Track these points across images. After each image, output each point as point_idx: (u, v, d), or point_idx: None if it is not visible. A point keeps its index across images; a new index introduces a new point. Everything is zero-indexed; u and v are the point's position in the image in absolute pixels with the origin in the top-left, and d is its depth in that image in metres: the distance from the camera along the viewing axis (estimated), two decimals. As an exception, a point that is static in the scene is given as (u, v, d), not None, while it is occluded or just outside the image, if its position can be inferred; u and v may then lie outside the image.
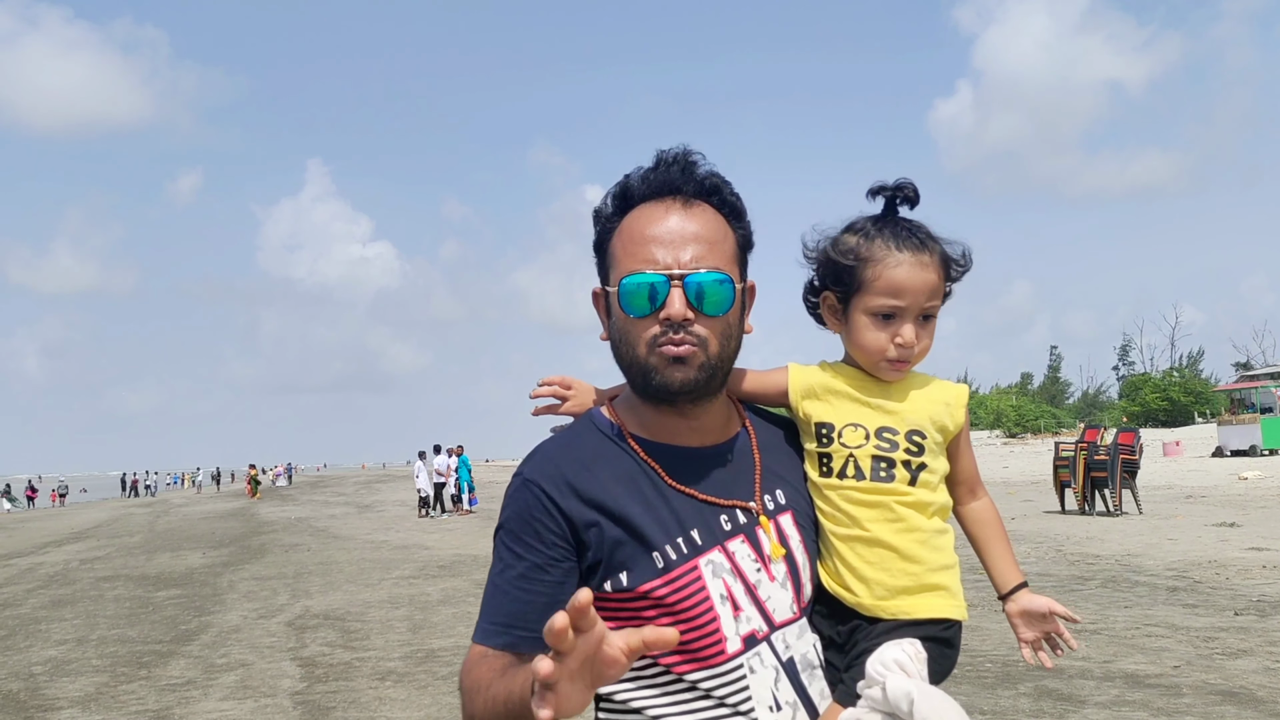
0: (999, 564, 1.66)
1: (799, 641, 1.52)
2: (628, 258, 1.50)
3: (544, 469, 1.54)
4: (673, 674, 1.47)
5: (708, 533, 1.51)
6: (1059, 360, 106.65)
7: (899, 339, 1.54)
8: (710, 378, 1.50)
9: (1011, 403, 78.14)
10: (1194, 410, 66.04)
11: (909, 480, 1.54)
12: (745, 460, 1.60)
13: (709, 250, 1.49)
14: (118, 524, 33.31)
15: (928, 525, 1.54)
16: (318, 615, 10.79)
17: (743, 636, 1.47)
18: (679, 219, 1.51)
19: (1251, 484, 22.64)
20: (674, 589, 1.46)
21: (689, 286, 1.46)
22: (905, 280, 1.53)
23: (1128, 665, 6.79)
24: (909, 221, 1.58)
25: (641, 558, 1.47)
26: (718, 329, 1.50)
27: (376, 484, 62.39)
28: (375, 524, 25.38)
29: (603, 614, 1.50)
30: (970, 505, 1.67)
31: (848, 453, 1.56)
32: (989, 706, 5.90)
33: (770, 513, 1.56)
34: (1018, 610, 1.64)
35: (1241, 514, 16.52)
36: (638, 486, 1.52)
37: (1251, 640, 7.37)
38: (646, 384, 1.51)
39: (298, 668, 8.18)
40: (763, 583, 1.51)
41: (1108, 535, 14.57)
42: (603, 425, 1.60)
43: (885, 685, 1.43)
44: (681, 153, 1.55)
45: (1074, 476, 18.58)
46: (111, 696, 7.51)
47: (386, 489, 51.64)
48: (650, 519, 1.49)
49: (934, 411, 1.57)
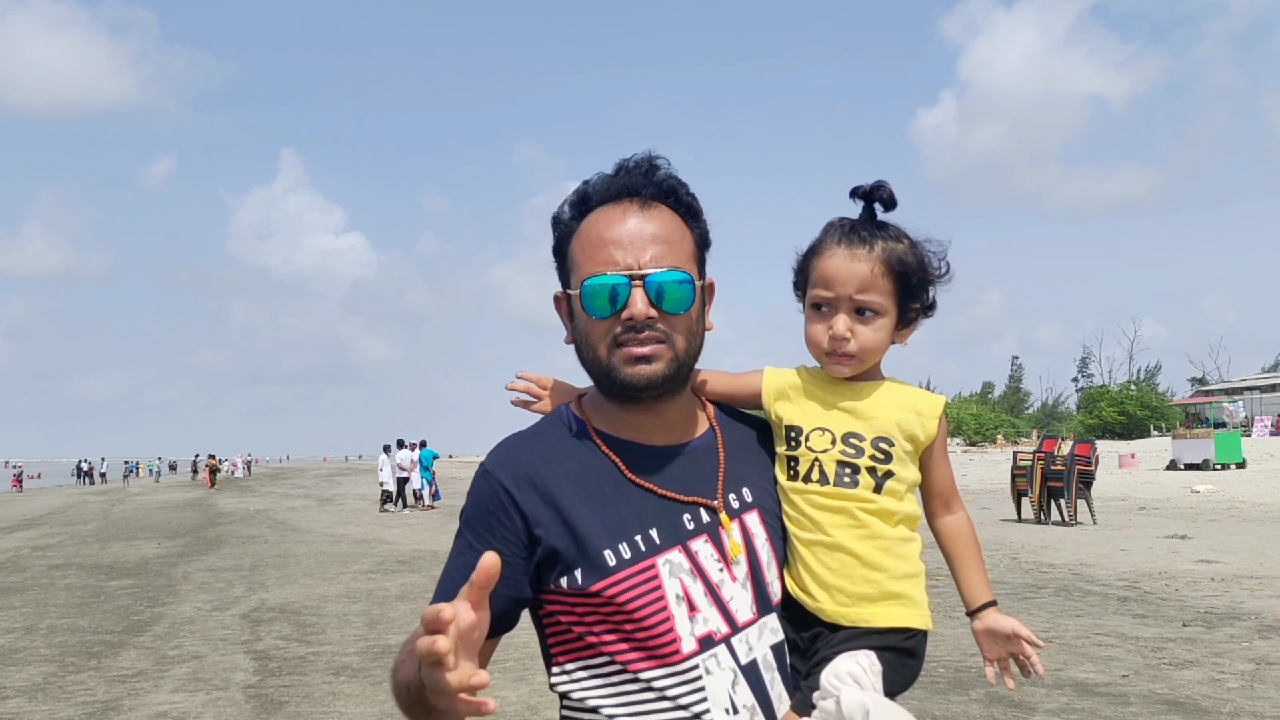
0: (970, 581, 1.63)
1: (759, 643, 1.51)
2: (588, 260, 1.52)
3: (504, 462, 1.55)
4: (628, 672, 1.47)
5: (668, 531, 1.51)
6: (1020, 371, 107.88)
7: (831, 330, 1.55)
8: (675, 373, 1.52)
9: (972, 411, 78.90)
10: (1150, 423, 67.05)
11: (874, 487, 1.54)
12: (710, 459, 1.60)
13: (668, 250, 1.51)
14: (71, 511, 32.78)
15: (891, 533, 1.53)
16: (273, 608, 10.69)
17: (698, 637, 1.47)
18: (637, 220, 1.52)
19: (1203, 497, 23.02)
20: (625, 587, 1.46)
21: (650, 286, 1.48)
22: (833, 271, 1.55)
23: (1077, 674, 6.89)
24: (879, 222, 1.59)
25: (593, 555, 1.47)
26: (680, 326, 1.52)
27: (338, 477, 61.88)
28: (335, 517, 25.17)
29: (557, 610, 1.51)
30: (945, 519, 1.65)
31: (813, 457, 1.56)
32: (941, 712, 5.97)
33: (734, 511, 1.56)
34: (983, 629, 1.61)
35: (1192, 526, 16.80)
36: (598, 482, 1.52)
37: (1198, 651, 7.51)
38: (611, 383, 1.53)
39: (251, 661, 8.10)
40: (725, 583, 1.51)
41: (1062, 544, 14.76)
42: (569, 421, 1.61)
43: (840, 698, 1.42)
44: (644, 158, 1.56)
45: (1031, 486, 18.81)
46: (59, 687, 7.40)
47: (348, 482, 51.22)
48: (606, 516, 1.50)
49: (904, 419, 1.57)
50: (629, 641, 1.47)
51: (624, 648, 1.47)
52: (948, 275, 1.63)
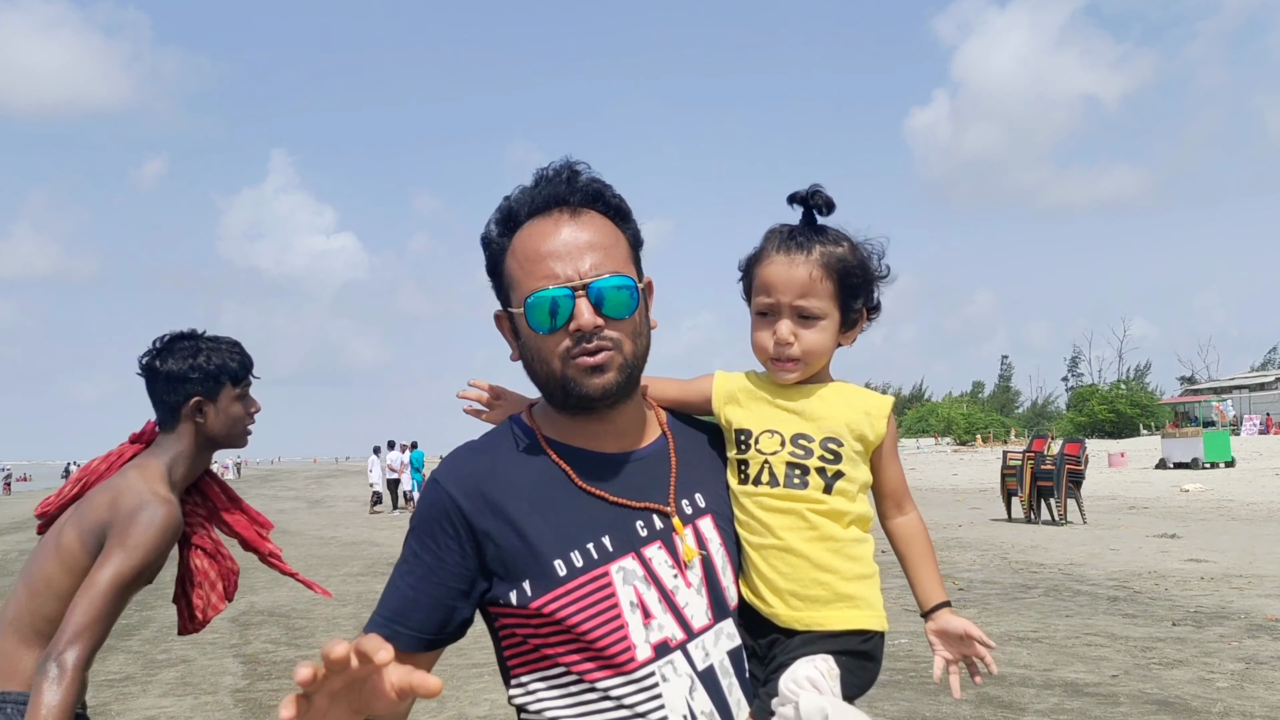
0: (923, 582, 1.64)
1: (716, 649, 1.50)
2: (528, 276, 1.51)
3: (454, 471, 1.55)
4: (585, 682, 1.46)
5: (621, 538, 1.50)
6: (1009, 370, 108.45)
7: (775, 336, 1.56)
8: (628, 379, 1.51)
9: (962, 411, 79.14)
10: (1139, 422, 67.41)
11: (823, 488, 1.54)
12: (662, 465, 1.59)
13: (605, 256, 1.50)
14: (59, 514, 32.58)
15: (842, 534, 1.53)
16: (262, 611, 10.65)
17: (653, 645, 1.46)
18: (570, 230, 1.51)
19: (1192, 496, 23.12)
20: (577, 596, 1.45)
21: (593, 294, 1.47)
22: (773, 277, 1.56)
23: (1067, 674, 6.90)
24: (818, 226, 1.60)
25: (544, 565, 1.46)
26: (628, 330, 1.51)
27: (328, 479, 61.74)
28: (325, 519, 25.10)
29: (511, 623, 1.50)
30: (897, 520, 1.66)
31: (763, 459, 1.55)
32: (931, 713, 5.97)
33: (687, 517, 1.55)
34: (936, 629, 1.63)
35: (1182, 526, 16.86)
36: (548, 491, 1.51)
37: (1188, 651, 7.53)
38: (566, 396, 1.51)
39: (240, 664, 8.07)
40: (680, 589, 1.50)
41: (1052, 544, 14.80)
42: (519, 431, 1.61)
43: (799, 703, 1.42)
44: (564, 165, 1.55)
45: (1020, 485, 18.86)
46: (46, 692, 7.35)
47: (338, 484, 51.10)
48: (556, 525, 1.49)
49: (852, 419, 1.57)
50: (584, 652, 1.46)
51: (579, 658, 1.46)
52: (889, 275, 1.64)
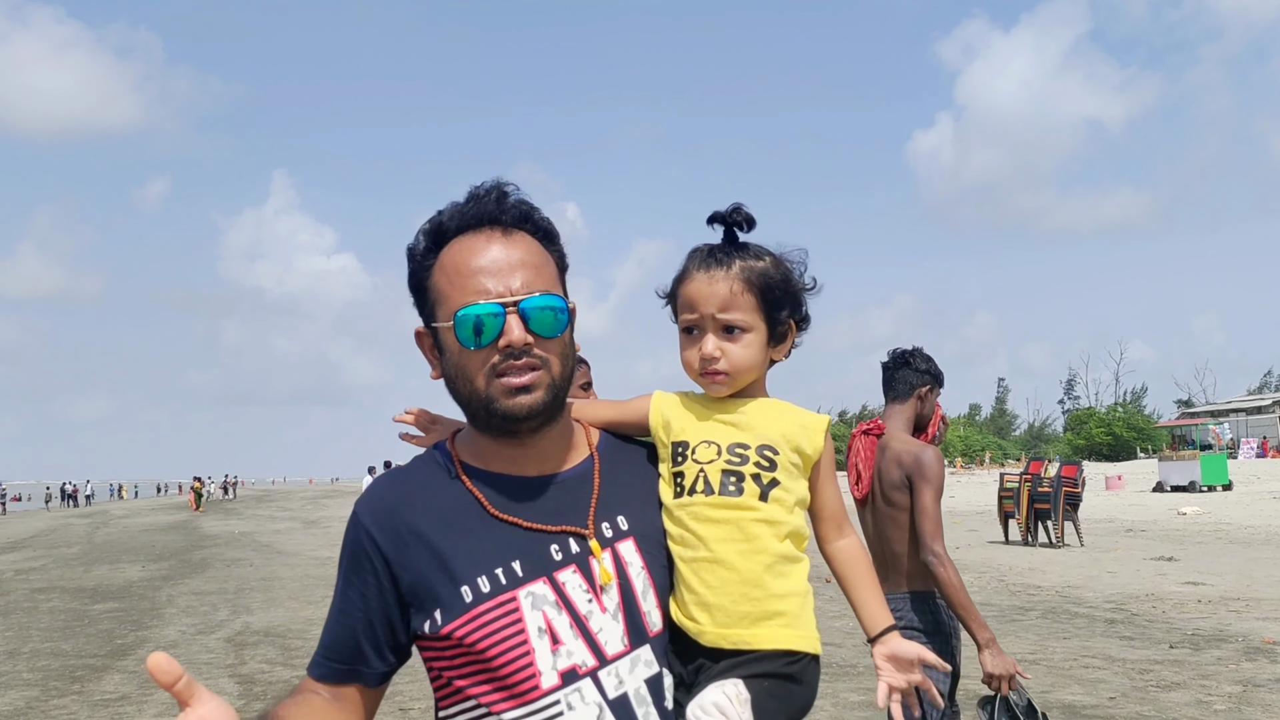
0: (868, 605, 1.59)
1: (631, 676, 1.45)
2: (457, 291, 1.48)
3: (370, 503, 1.54)
4: (492, 714, 1.43)
5: (532, 563, 1.46)
6: (1005, 392, 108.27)
7: (700, 351, 1.57)
8: (554, 399, 1.49)
9: (959, 433, 79.09)
10: (1136, 445, 67.36)
11: (759, 495, 1.51)
12: (584, 486, 1.55)
13: (536, 275, 1.50)
14: (55, 534, 32.51)
15: (777, 548, 1.49)
16: (258, 632, 10.63)
17: (560, 671, 1.42)
18: (501, 247, 1.50)
19: (1189, 519, 23.11)
20: (482, 623, 1.42)
21: (524, 312, 1.46)
22: (694, 294, 1.58)
23: (1065, 696, 6.90)
24: (740, 243, 1.61)
25: (451, 593, 1.45)
26: (556, 350, 1.50)
27: (324, 499, 61.53)
28: (321, 540, 25.02)
29: (431, 657, 1.51)
30: (837, 544, 1.62)
31: (699, 468, 1.53)
32: (929, 735, 5.97)
33: (607, 540, 1.51)
34: (886, 654, 1.55)
35: (1179, 549, 16.86)
36: (461, 519, 1.49)
37: (1185, 673, 7.53)
38: (490, 415, 1.48)
39: (236, 685, 8.05)
40: (594, 614, 1.46)
41: (1049, 566, 14.80)
42: (439, 458, 1.59)
43: None
44: (494, 184, 1.55)
45: (1018, 508, 18.86)
46: (42, 711, 7.34)
47: (334, 504, 50.93)
48: (466, 552, 1.47)
49: (788, 431, 1.56)
50: (491, 682, 1.43)
51: (487, 689, 1.44)
52: (815, 287, 1.64)
